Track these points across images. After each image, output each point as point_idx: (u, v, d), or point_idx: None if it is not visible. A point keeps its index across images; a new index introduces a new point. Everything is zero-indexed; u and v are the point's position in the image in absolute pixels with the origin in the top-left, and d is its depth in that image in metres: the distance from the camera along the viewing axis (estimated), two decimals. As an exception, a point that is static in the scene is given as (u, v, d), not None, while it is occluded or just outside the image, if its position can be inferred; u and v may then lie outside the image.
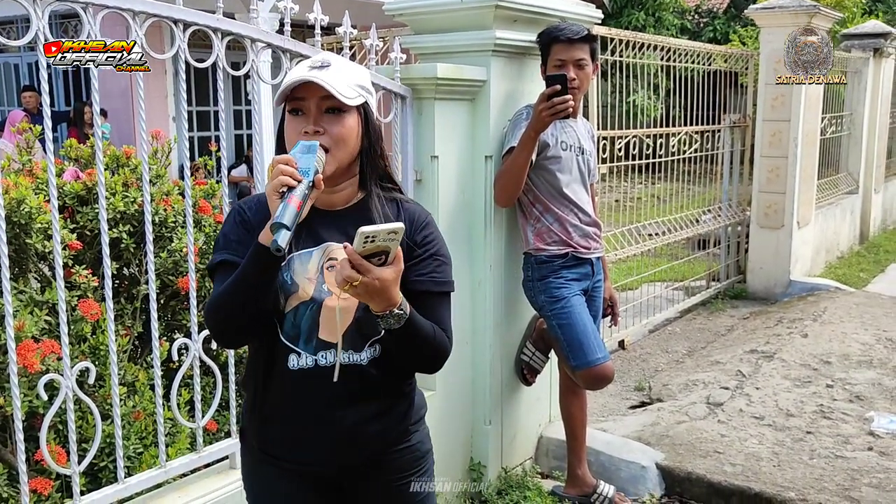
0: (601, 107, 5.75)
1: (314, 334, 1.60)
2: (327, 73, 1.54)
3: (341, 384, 1.61)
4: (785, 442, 3.71)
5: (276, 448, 1.68)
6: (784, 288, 6.73)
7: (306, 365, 1.61)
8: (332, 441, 1.64)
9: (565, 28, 3.05)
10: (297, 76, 1.54)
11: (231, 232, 1.61)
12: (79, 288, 2.66)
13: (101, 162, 2.17)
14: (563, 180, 3.14)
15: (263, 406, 1.67)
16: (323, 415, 1.63)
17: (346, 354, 1.61)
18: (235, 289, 1.51)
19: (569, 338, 3.09)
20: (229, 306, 1.53)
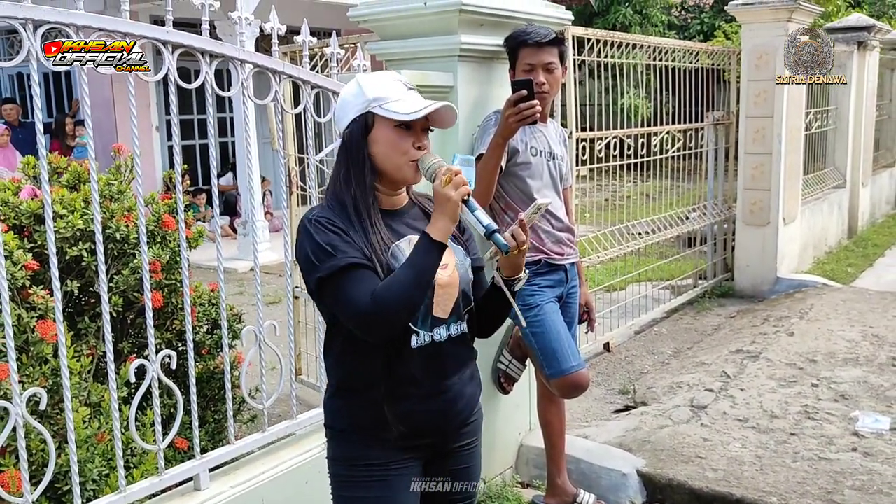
0: (587, 106, 5.73)
1: (429, 313, 1.81)
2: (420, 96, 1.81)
3: (453, 353, 1.86)
4: (768, 445, 3.66)
5: (393, 429, 1.82)
6: (771, 285, 6.69)
7: (425, 342, 1.81)
8: (445, 409, 1.86)
9: (533, 31, 3.00)
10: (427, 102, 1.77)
11: (335, 240, 1.73)
12: (37, 308, 2.60)
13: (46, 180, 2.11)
14: (533, 186, 3.10)
15: (389, 389, 1.80)
16: (439, 386, 1.84)
17: (456, 325, 1.86)
18: (416, 282, 1.69)
19: (542, 346, 3.05)
20: (412, 300, 1.70)
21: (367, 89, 1.78)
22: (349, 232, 1.75)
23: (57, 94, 11.00)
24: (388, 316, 1.68)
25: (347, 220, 1.76)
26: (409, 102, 1.77)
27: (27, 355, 2.51)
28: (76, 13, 2.04)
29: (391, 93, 1.77)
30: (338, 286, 1.71)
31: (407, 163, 1.78)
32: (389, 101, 1.76)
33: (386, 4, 3.18)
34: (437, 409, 1.85)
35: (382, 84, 1.79)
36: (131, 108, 2.28)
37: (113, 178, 3.00)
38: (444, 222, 1.70)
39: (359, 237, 1.75)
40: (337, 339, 1.85)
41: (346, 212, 1.77)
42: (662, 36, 15.15)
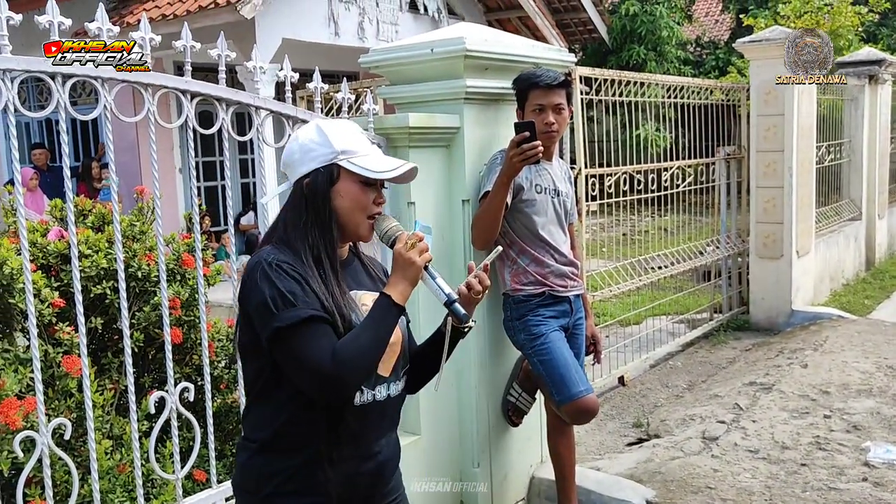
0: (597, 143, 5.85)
1: (373, 371, 1.74)
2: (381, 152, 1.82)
3: (389, 413, 1.84)
4: (779, 475, 3.69)
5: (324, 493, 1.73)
6: (786, 318, 6.71)
7: (367, 400, 1.76)
8: (376, 472, 1.81)
9: (543, 74, 3.12)
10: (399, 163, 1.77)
11: (296, 289, 1.65)
12: (63, 344, 2.73)
13: (72, 222, 2.24)
14: (538, 222, 3.20)
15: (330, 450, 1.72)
16: (372, 448, 1.80)
17: (396, 384, 1.83)
18: (376, 344, 1.66)
19: (550, 372, 3.12)
20: (371, 361, 1.67)
21: (335, 140, 1.74)
22: (308, 279, 1.67)
23: (84, 139, 11.30)
24: (348, 377, 1.62)
25: (304, 268, 1.69)
26: (375, 158, 1.75)
27: (53, 389, 2.63)
28: (102, 68, 2.19)
29: (359, 147, 1.75)
30: (297, 340, 1.62)
31: (365, 219, 1.76)
32: (358, 156, 1.73)
33: (395, 51, 3.32)
34: (372, 471, 1.80)
35: (350, 137, 1.76)
36: (152, 151, 2.42)
37: (135, 219, 3.13)
38: (405, 286, 1.69)
39: (318, 288, 1.68)
40: (272, 393, 1.72)
41: (301, 260, 1.70)
42: (678, 72, 15.31)
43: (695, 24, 19.38)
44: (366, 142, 1.78)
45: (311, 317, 1.63)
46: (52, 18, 2.06)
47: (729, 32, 18.69)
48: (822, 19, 10.90)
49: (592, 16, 13.43)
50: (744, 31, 12.92)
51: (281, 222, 1.78)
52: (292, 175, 1.78)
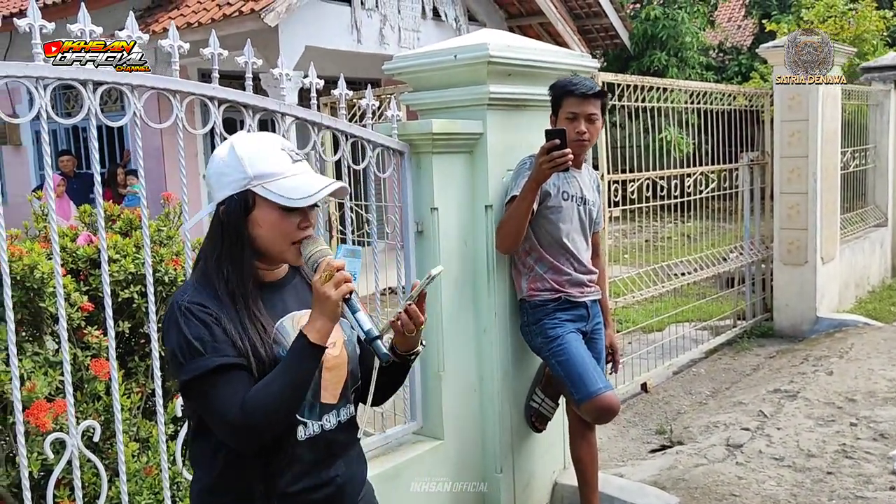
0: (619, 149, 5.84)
1: (317, 400, 1.65)
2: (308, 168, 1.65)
3: (342, 439, 1.71)
4: (804, 483, 3.66)
5: None
6: (811, 325, 6.65)
7: (314, 432, 1.65)
8: (339, 492, 1.70)
9: (579, 83, 3.11)
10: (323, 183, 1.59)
11: (204, 334, 1.54)
12: (91, 348, 2.76)
13: (102, 227, 2.27)
14: (562, 230, 3.20)
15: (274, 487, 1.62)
16: (328, 475, 1.68)
17: (346, 409, 1.72)
18: (290, 389, 1.53)
19: (568, 372, 3.13)
20: (286, 408, 1.54)
21: (248, 164, 1.57)
22: (222, 319, 1.55)
23: (109, 146, 11.44)
24: (259, 428, 1.52)
25: (219, 305, 1.57)
26: (296, 181, 1.58)
27: (81, 392, 2.66)
28: (131, 74, 2.22)
29: (277, 167, 1.58)
30: (205, 391, 1.53)
31: (290, 246, 1.61)
32: (274, 180, 1.57)
33: (418, 58, 3.35)
34: (327, 499, 1.68)
35: (265, 157, 1.59)
36: (180, 158, 2.45)
37: (162, 224, 3.17)
38: (323, 322, 1.53)
39: (234, 325, 1.56)
40: (208, 432, 1.61)
41: (217, 295, 1.58)
42: (701, 78, 15.24)
43: (717, 29, 19.31)
44: (285, 160, 1.60)
45: (219, 366, 1.52)
46: (84, 27, 2.09)
47: (752, 38, 18.61)
48: (847, 24, 10.82)
49: (614, 21, 13.41)
50: (767, 37, 12.87)
51: (201, 253, 1.67)
52: (213, 199, 1.65)
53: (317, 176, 1.64)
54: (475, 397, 3.38)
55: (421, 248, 3.20)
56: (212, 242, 1.63)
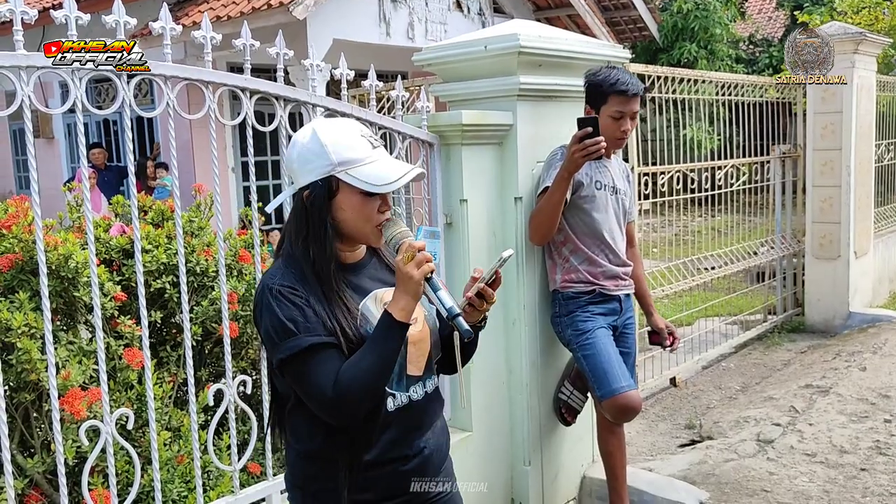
0: (650, 142, 5.78)
1: (404, 373, 1.74)
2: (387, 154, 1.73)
3: (429, 409, 1.80)
4: (837, 480, 3.61)
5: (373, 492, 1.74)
6: (843, 320, 6.55)
7: (402, 403, 1.74)
8: (424, 467, 1.79)
9: (629, 81, 3.06)
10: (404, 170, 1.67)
11: (297, 315, 1.63)
12: (124, 337, 2.79)
13: (136, 217, 2.29)
14: (597, 219, 3.18)
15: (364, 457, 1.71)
16: (418, 445, 1.78)
17: (431, 380, 1.82)
18: (380, 365, 1.62)
19: (593, 367, 3.11)
20: (376, 383, 1.63)
21: (332, 151, 1.65)
22: (311, 300, 1.64)
23: (140, 139, 11.55)
24: (352, 403, 1.61)
25: (308, 287, 1.66)
26: (378, 166, 1.66)
27: (114, 381, 2.69)
28: (164, 65, 2.24)
29: (357, 153, 1.66)
30: (299, 369, 1.62)
31: (372, 229, 1.69)
32: (357, 166, 1.65)
33: (448, 48, 3.33)
34: (415, 468, 1.77)
35: (348, 145, 1.66)
36: (212, 149, 2.46)
37: (193, 215, 3.19)
38: (406, 301, 1.61)
39: (322, 306, 1.65)
40: (305, 406, 1.70)
41: (305, 278, 1.67)
42: (731, 70, 15.06)
43: (748, 21, 19.06)
44: (366, 146, 1.68)
45: (311, 345, 1.61)
46: (119, 18, 2.11)
47: (783, 29, 18.36)
48: (881, 14, 10.62)
49: (643, 13, 13.28)
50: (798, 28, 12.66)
51: (286, 234, 1.74)
52: (295, 183, 1.74)
53: (395, 162, 1.71)
54: (504, 390, 3.37)
55: (450, 240, 3.19)
56: (296, 225, 1.71)
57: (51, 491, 2.58)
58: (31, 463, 2.52)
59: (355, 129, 1.70)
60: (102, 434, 2.20)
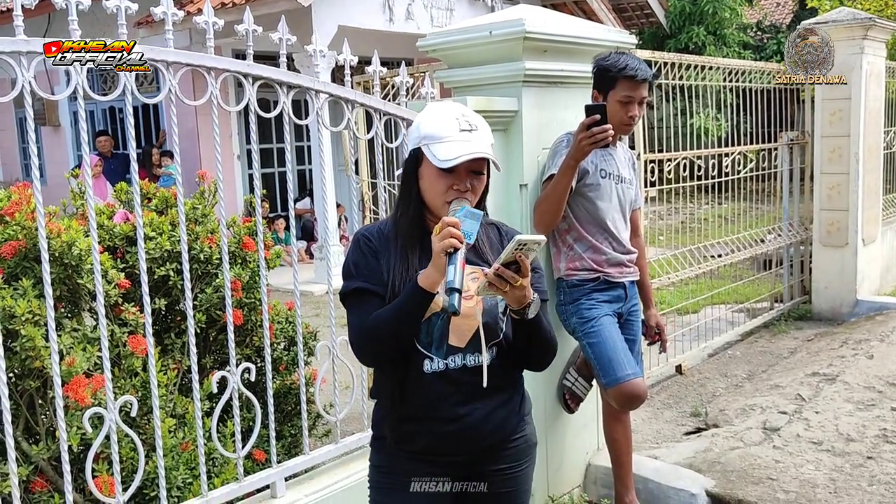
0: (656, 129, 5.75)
1: (445, 341, 1.84)
2: (479, 138, 1.80)
3: (470, 382, 1.85)
4: (843, 468, 3.60)
5: (414, 444, 1.88)
6: (850, 308, 6.52)
7: (438, 368, 1.84)
8: (463, 433, 1.85)
9: (637, 67, 3.03)
10: (468, 150, 1.76)
11: (360, 261, 1.86)
12: (128, 324, 2.79)
13: (139, 205, 2.28)
14: (601, 207, 3.16)
15: (402, 407, 1.87)
16: (455, 411, 1.85)
17: (473, 356, 1.86)
18: (395, 322, 1.76)
19: (598, 355, 3.10)
20: (390, 337, 1.79)
21: (423, 125, 1.83)
22: (379, 254, 1.85)
23: (145, 127, 11.55)
24: (367, 348, 1.82)
25: (386, 241, 1.87)
26: (453, 146, 1.77)
27: (119, 368, 2.69)
28: (167, 50, 2.22)
29: (442, 131, 1.79)
30: (347, 307, 1.86)
31: (443, 203, 1.81)
32: (436, 142, 1.79)
33: (453, 34, 3.31)
34: (452, 434, 1.85)
35: (437, 122, 1.81)
36: (214, 135, 2.45)
37: (197, 202, 3.18)
38: (431, 271, 1.72)
39: (387, 259, 1.84)
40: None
41: (390, 230, 1.89)
42: (739, 56, 14.96)
43: (756, 7, 18.92)
44: (454, 127, 1.79)
45: (358, 288, 1.82)
46: (120, 3, 2.09)
47: (791, 16, 18.22)
48: (891, 0, 10.53)
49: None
50: (807, 14, 12.57)
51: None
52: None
53: (471, 145, 1.77)
54: (508, 377, 3.36)
55: (455, 227, 3.17)
56: (399, 187, 1.92)
57: (56, 477, 2.58)
58: (36, 450, 2.52)
59: (453, 110, 1.83)
60: (106, 421, 2.20)
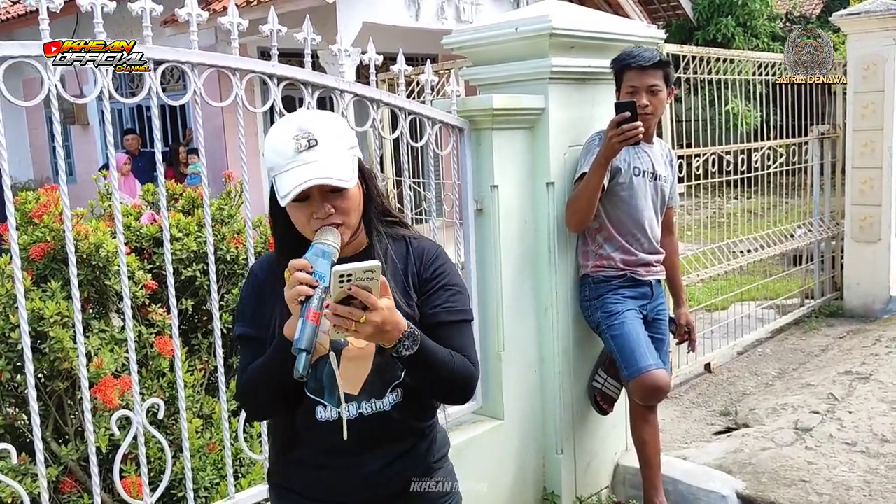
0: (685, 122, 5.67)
1: (335, 387, 1.63)
2: (320, 155, 1.52)
3: (368, 430, 1.65)
4: (878, 470, 3.52)
5: (307, 489, 1.72)
6: (884, 304, 6.40)
7: (331, 417, 1.64)
8: (359, 482, 1.68)
9: (637, 55, 3.04)
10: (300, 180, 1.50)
11: (247, 301, 1.70)
12: (155, 325, 2.80)
13: (164, 206, 2.28)
14: (634, 206, 3.13)
15: (292, 452, 1.72)
16: (350, 461, 1.67)
17: (370, 403, 1.65)
18: (263, 377, 1.60)
19: (621, 347, 3.09)
20: (265, 391, 1.62)
21: (266, 154, 1.57)
22: (265, 292, 1.65)
23: (172, 124, 11.64)
24: (246, 402, 1.71)
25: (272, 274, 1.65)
26: (291, 175, 1.52)
27: (146, 369, 2.70)
28: (191, 52, 2.22)
29: (280, 158, 1.53)
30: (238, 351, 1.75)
31: (311, 233, 1.57)
32: (278, 173, 1.54)
33: (478, 31, 3.28)
34: (347, 481, 1.68)
35: (275, 147, 1.54)
36: (240, 135, 2.45)
37: (224, 202, 3.19)
38: (294, 320, 1.46)
39: (272, 300, 1.61)
40: None
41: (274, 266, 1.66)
42: (768, 49, 14.75)
43: (785, -2, 18.64)
44: (290, 150, 1.52)
45: (241, 335, 1.68)
46: (145, 5, 2.09)
47: (821, 6, 17.91)
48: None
49: (677, -8, 13.06)
50: (837, 5, 12.37)
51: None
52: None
53: (310, 168, 1.51)
54: (535, 377, 3.33)
55: (481, 227, 3.15)
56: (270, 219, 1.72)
57: (85, 478, 2.60)
58: (65, 451, 2.54)
59: (290, 128, 1.54)
60: (134, 423, 2.20)
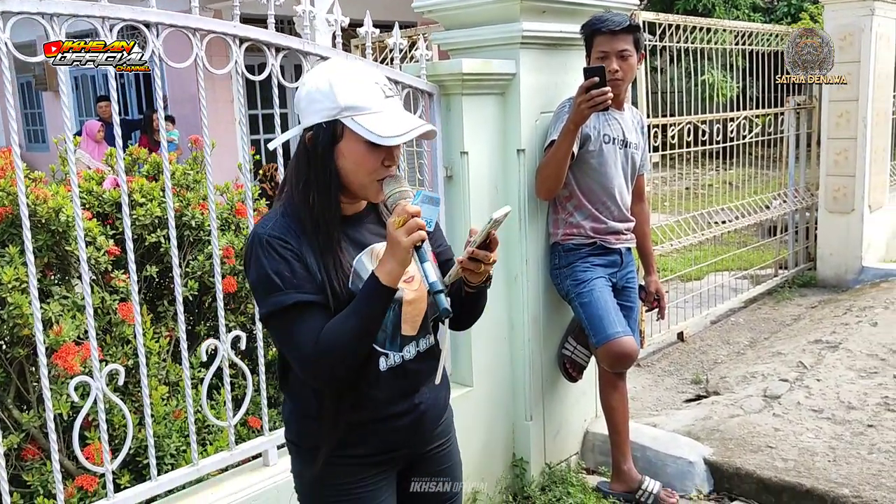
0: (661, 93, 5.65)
1: (398, 332, 1.68)
2: (400, 105, 1.62)
3: (424, 368, 1.75)
4: (843, 436, 3.57)
5: (363, 447, 1.70)
6: (856, 275, 6.46)
7: (395, 363, 1.69)
8: (416, 423, 1.74)
9: (607, 19, 3.02)
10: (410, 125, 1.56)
11: (284, 269, 1.56)
12: (119, 292, 2.76)
13: (122, 170, 2.24)
14: (603, 174, 3.12)
15: (356, 414, 1.67)
16: (411, 402, 1.72)
17: (425, 339, 1.75)
18: (361, 329, 1.55)
19: (589, 315, 3.10)
20: (356, 346, 1.56)
21: (340, 94, 1.54)
22: (302, 253, 1.57)
23: (147, 91, 11.46)
24: (332, 364, 1.55)
25: (303, 237, 1.59)
26: (386, 117, 1.55)
27: (110, 336, 2.66)
28: (148, 10, 2.16)
29: (367, 102, 1.55)
30: (283, 325, 1.57)
31: (373, 182, 1.59)
32: (364, 114, 1.54)
33: (449, -6, 3.22)
34: (408, 425, 1.72)
35: (358, 90, 1.55)
36: (201, 98, 2.40)
37: (189, 168, 3.13)
38: (393, 266, 1.52)
39: (313, 259, 1.57)
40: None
41: (302, 227, 1.59)
42: (748, 20, 14.71)
43: (766, -32, 18.57)
44: (378, 95, 1.56)
45: (296, 303, 1.55)
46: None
47: (803, -23, 17.87)
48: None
49: (658, -40, 12.95)
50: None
51: (287, 178, 1.67)
52: (302, 122, 1.63)
53: (406, 115, 1.61)
54: (505, 345, 3.33)
55: (450, 193, 3.12)
56: (297, 169, 1.63)
57: (47, 445, 2.57)
58: (26, 417, 2.50)
59: (370, 74, 1.59)
60: (93, 390, 2.17)
